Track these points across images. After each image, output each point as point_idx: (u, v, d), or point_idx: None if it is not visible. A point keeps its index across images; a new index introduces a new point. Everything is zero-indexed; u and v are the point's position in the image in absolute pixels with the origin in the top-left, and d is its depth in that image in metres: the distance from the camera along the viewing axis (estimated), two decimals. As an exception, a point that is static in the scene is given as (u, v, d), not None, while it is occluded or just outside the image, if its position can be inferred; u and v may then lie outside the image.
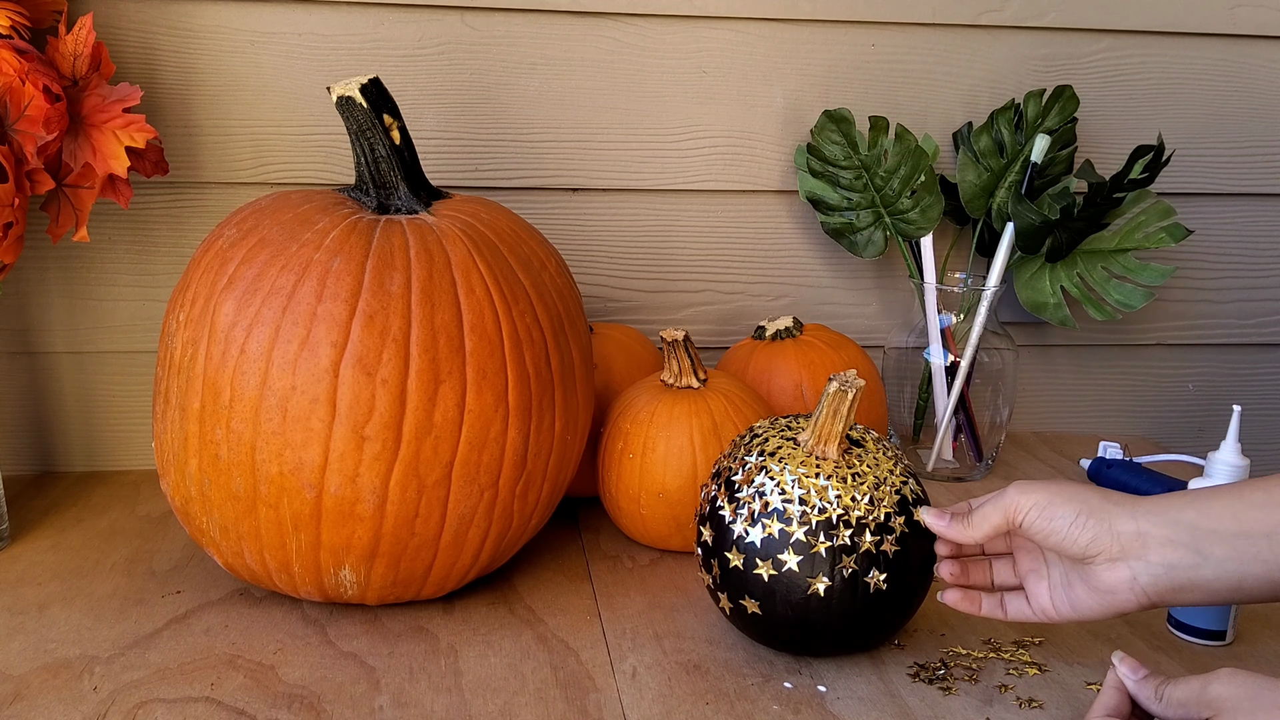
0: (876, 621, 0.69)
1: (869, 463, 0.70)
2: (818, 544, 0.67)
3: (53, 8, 0.91)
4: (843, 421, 0.70)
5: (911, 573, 0.69)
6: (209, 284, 0.73)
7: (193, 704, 0.66)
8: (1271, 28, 1.14)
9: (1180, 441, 1.24)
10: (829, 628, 0.69)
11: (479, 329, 0.73)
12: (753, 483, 0.70)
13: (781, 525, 0.68)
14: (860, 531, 0.67)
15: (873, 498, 0.68)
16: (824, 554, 0.67)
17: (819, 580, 0.67)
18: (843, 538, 0.67)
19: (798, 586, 0.67)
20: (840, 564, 0.67)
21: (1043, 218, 1.03)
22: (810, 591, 0.67)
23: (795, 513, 0.68)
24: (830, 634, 0.69)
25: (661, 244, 1.11)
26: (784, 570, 0.68)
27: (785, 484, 0.69)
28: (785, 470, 0.69)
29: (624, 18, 1.04)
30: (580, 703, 0.67)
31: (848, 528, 0.67)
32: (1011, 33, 1.11)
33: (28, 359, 1.02)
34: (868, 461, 0.70)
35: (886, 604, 0.69)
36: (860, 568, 0.67)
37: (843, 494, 0.68)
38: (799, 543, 0.67)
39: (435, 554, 0.75)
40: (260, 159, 1.01)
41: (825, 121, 1.07)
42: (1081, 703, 0.68)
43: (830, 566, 0.67)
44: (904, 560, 0.69)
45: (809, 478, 0.69)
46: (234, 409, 0.70)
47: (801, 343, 1.00)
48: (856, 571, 0.67)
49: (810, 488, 0.68)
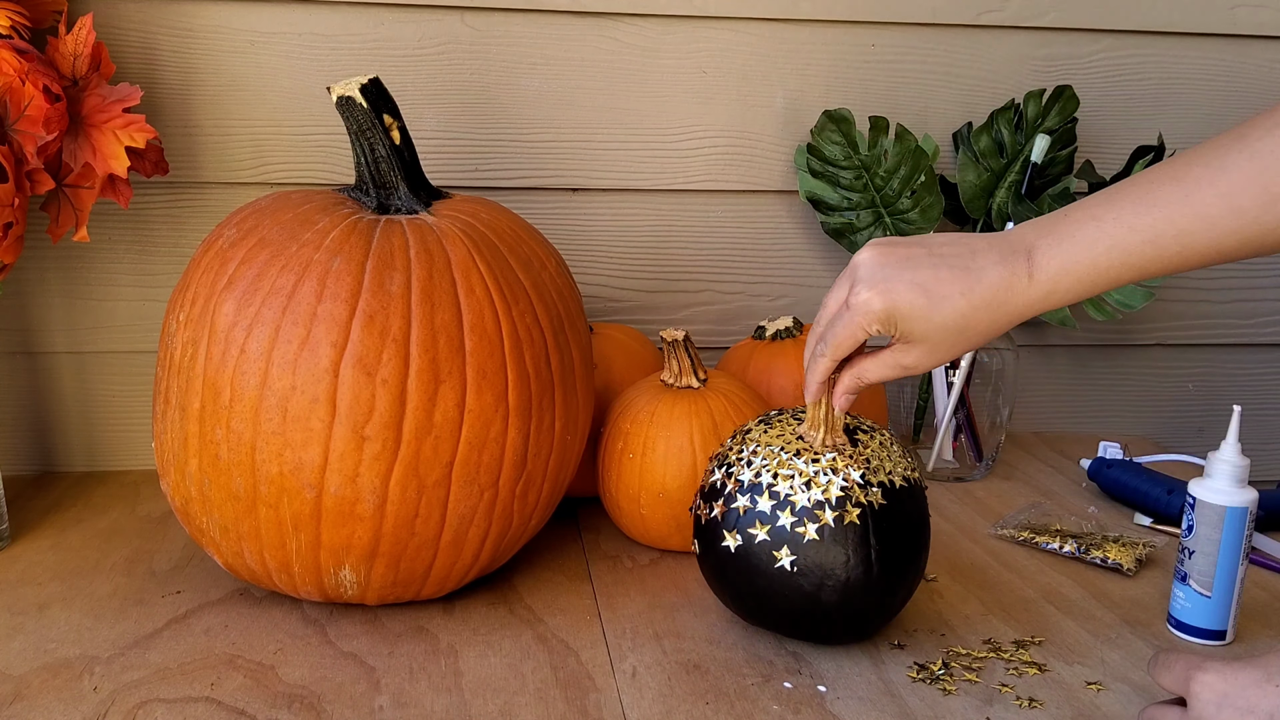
0: (851, 605, 0.69)
1: (865, 448, 0.71)
2: (796, 521, 0.68)
3: (53, 8, 0.91)
4: (835, 409, 0.71)
5: (893, 558, 0.69)
6: (209, 284, 0.73)
7: (193, 704, 0.66)
8: (1271, 28, 1.14)
9: (1180, 441, 1.24)
10: (790, 606, 0.70)
11: (479, 329, 0.73)
12: (741, 459, 0.72)
13: (766, 500, 0.69)
14: (840, 506, 0.68)
15: (860, 479, 0.69)
16: (789, 529, 0.68)
17: (784, 555, 0.68)
18: (823, 518, 0.68)
19: (765, 559, 0.69)
20: (811, 541, 0.68)
21: (1043, 218, 1.03)
22: (777, 567, 0.69)
23: (782, 489, 0.69)
24: (805, 614, 0.70)
25: (661, 244, 1.11)
26: (756, 542, 0.69)
27: (770, 461, 0.71)
28: (774, 450, 0.71)
29: (624, 18, 1.04)
30: (580, 703, 0.67)
31: (828, 508, 0.68)
32: (1011, 33, 1.11)
33: (28, 359, 1.02)
34: (864, 447, 0.71)
35: (866, 588, 0.69)
36: (833, 548, 0.68)
37: (821, 475, 0.69)
38: (775, 517, 0.69)
39: (435, 554, 0.75)
40: (260, 159, 1.01)
41: (825, 121, 1.07)
42: (1081, 703, 0.68)
43: (801, 542, 0.68)
44: (886, 546, 0.69)
45: (794, 458, 0.70)
46: (234, 409, 0.70)
47: (801, 343, 1.00)
48: (830, 547, 0.68)
49: (793, 468, 0.70)
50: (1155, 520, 0.97)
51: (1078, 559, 0.89)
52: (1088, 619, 0.79)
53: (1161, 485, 0.97)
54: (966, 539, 0.93)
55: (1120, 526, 0.96)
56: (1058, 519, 0.96)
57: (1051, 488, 1.06)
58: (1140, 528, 0.96)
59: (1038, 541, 0.91)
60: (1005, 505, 1.01)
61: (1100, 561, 0.87)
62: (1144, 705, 0.68)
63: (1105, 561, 0.87)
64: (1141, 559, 0.88)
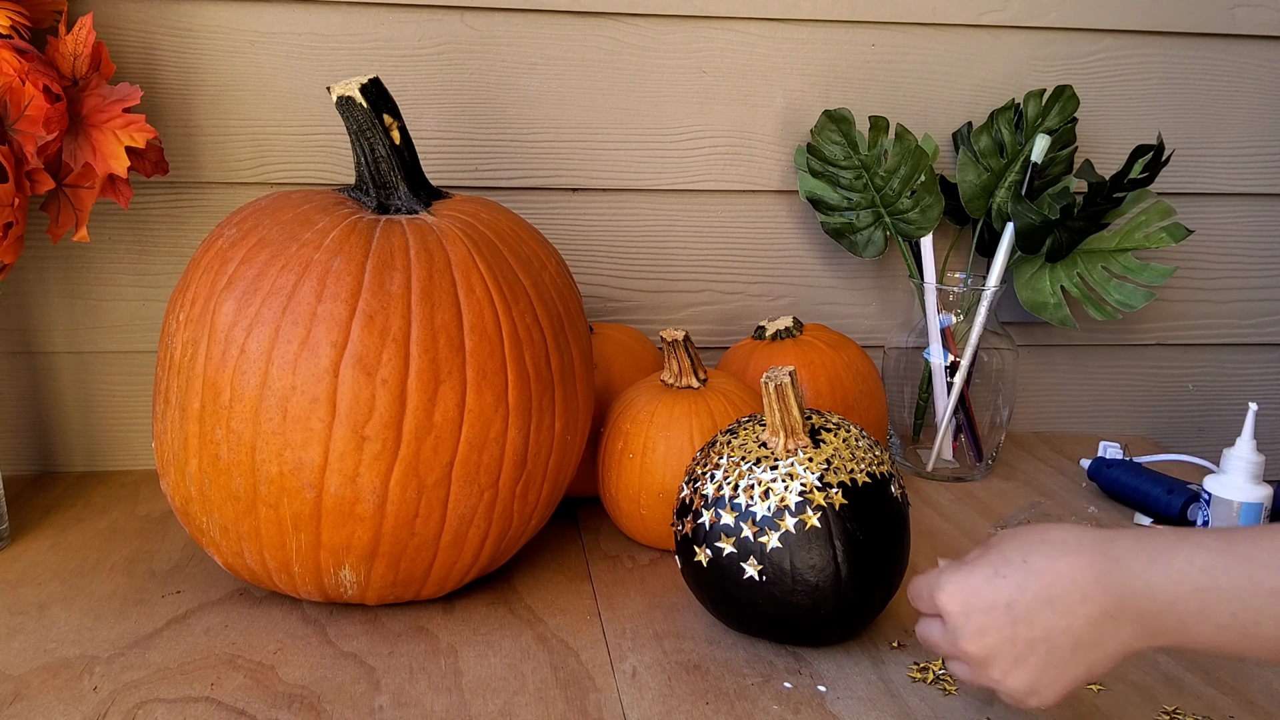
0: (826, 607, 0.69)
1: (826, 448, 0.71)
2: (759, 531, 0.69)
3: (53, 8, 0.91)
4: (792, 412, 0.72)
5: (863, 556, 0.69)
6: (209, 284, 0.73)
7: (193, 704, 0.66)
8: (1271, 28, 1.14)
9: (1180, 441, 1.24)
10: (761, 611, 0.70)
11: (479, 329, 0.73)
12: (706, 473, 0.73)
13: (729, 514, 0.70)
14: (799, 512, 0.68)
15: (818, 482, 0.69)
16: (754, 539, 0.69)
17: (750, 566, 0.69)
18: (784, 525, 0.68)
19: (735, 571, 0.70)
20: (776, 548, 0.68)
21: (1043, 218, 1.03)
22: (746, 578, 0.69)
23: (743, 501, 0.70)
24: (776, 618, 0.71)
25: (661, 244, 1.11)
26: (724, 556, 0.70)
27: (732, 474, 0.71)
28: (735, 460, 0.72)
29: (624, 18, 1.04)
30: (580, 703, 0.67)
31: (788, 515, 0.68)
32: (1011, 33, 1.11)
33: (28, 359, 1.02)
34: (827, 447, 0.71)
35: (839, 589, 0.69)
36: (800, 550, 0.68)
37: (779, 482, 0.70)
38: (739, 529, 0.69)
39: (435, 554, 0.75)
40: (260, 159, 1.01)
41: (825, 121, 1.07)
42: (1081, 703, 0.68)
43: (764, 550, 0.69)
44: (853, 546, 0.69)
45: (754, 467, 0.71)
46: (234, 409, 0.70)
47: (801, 343, 1.00)
48: (794, 553, 0.68)
49: (753, 478, 0.70)
50: (1155, 520, 0.97)
51: (1078, 559, 0.89)
52: (1088, 619, 0.79)
53: (1161, 485, 0.97)
54: (966, 539, 0.93)
55: (1120, 526, 0.96)
56: (1058, 519, 0.96)
57: (1051, 488, 1.06)
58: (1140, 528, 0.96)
59: (1038, 541, 0.91)
60: (1005, 505, 1.01)
61: (1100, 561, 0.87)
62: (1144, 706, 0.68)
63: (1105, 561, 0.87)
64: (1141, 559, 0.87)
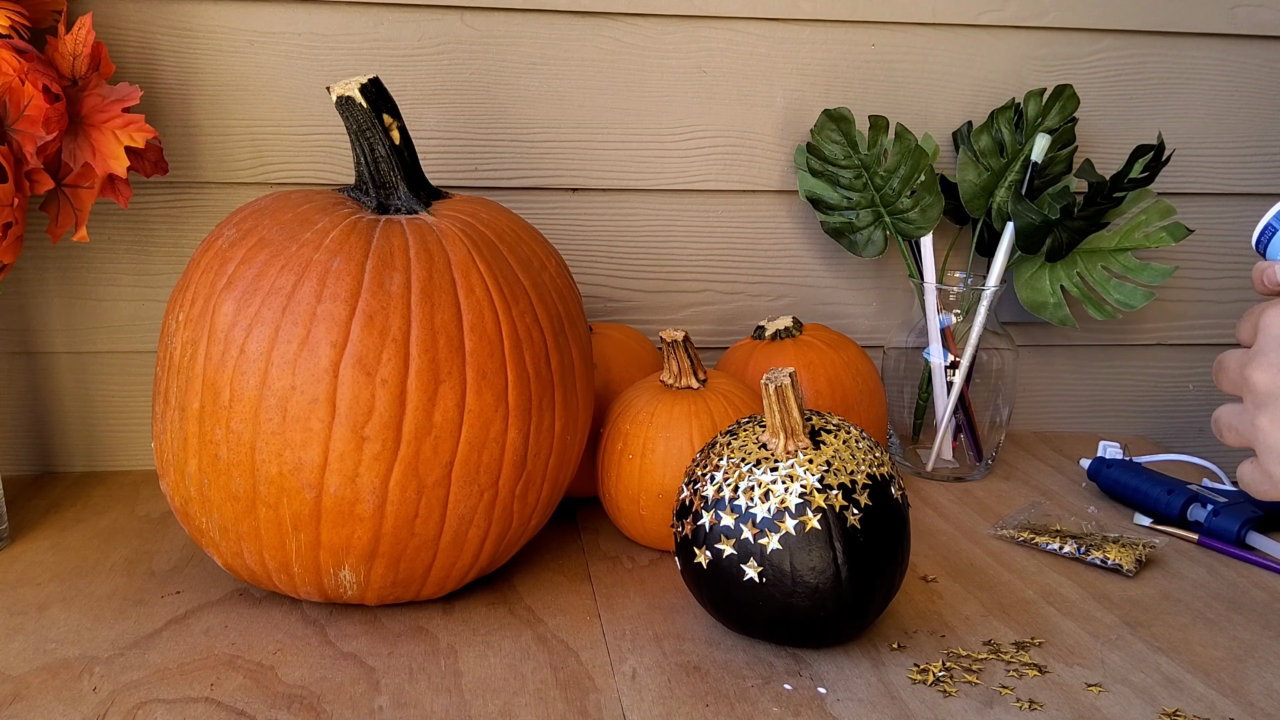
0: (826, 609, 0.69)
1: (826, 449, 0.71)
2: (759, 533, 0.69)
3: (52, 8, 0.91)
4: (792, 414, 0.71)
5: (864, 558, 0.69)
6: (208, 284, 0.73)
7: (192, 704, 0.66)
8: (1271, 28, 1.14)
9: (1180, 441, 1.24)
10: (758, 611, 0.70)
11: (479, 329, 0.73)
12: (705, 474, 0.73)
13: (729, 515, 0.70)
14: (799, 514, 0.68)
15: (818, 484, 0.69)
16: (754, 540, 0.69)
17: (751, 568, 0.69)
18: (784, 527, 0.68)
19: (735, 573, 0.69)
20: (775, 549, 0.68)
21: (1043, 217, 1.03)
22: (746, 580, 0.69)
23: (742, 503, 0.69)
24: (770, 618, 0.71)
25: (661, 244, 1.11)
26: (724, 558, 0.70)
27: (732, 475, 0.71)
28: (735, 462, 0.72)
29: (624, 18, 1.04)
30: (580, 703, 0.67)
31: (787, 516, 0.68)
32: (1011, 32, 1.11)
33: (27, 359, 1.02)
34: (827, 448, 0.71)
35: (839, 591, 0.69)
36: (799, 552, 0.68)
37: (778, 484, 0.69)
38: (739, 530, 0.69)
39: (435, 554, 0.75)
40: (260, 159, 1.01)
41: (825, 121, 1.07)
42: (1082, 705, 0.68)
43: (763, 552, 0.69)
44: (853, 548, 0.69)
45: (753, 468, 0.70)
46: (233, 409, 0.70)
47: (801, 343, 1.00)
48: (794, 555, 0.68)
49: (753, 479, 0.70)
50: (1155, 520, 0.97)
51: (1077, 559, 0.89)
52: (1088, 620, 0.79)
53: (1161, 485, 0.97)
54: (966, 539, 0.93)
55: (1120, 527, 0.96)
56: (1057, 519, 0.96)
57: (1051, 488, 1.06)
58: (1140, 528, 0.96)
59: (1037, 542, 0.91)
60: (1005, 505, 1.01)
61: (1100, 562, 0.87)
62: (1144, 707, 0.68)
63: (1105, 562, 0.87)
64: (1141, 560, 0.88)
